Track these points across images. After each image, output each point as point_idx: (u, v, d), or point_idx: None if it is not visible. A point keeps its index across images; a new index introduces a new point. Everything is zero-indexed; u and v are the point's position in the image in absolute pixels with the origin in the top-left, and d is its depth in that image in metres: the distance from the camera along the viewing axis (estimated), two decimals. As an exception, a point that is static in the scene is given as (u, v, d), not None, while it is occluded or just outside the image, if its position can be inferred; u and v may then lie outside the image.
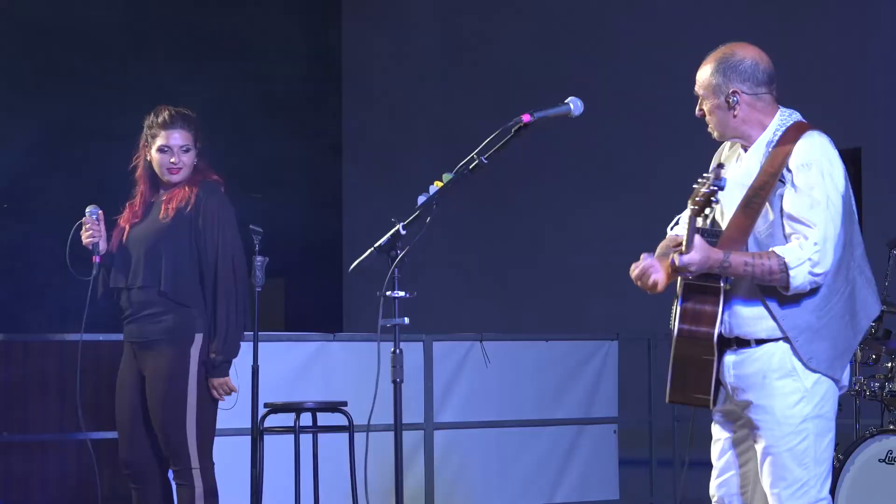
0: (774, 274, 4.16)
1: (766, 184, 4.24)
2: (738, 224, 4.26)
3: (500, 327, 11.43)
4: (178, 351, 5.46)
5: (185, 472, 5.46)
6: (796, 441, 4.26)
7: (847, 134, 11.02)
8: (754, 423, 4.31)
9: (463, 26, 14.28)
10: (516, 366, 9.02)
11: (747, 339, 4.30)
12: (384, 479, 6.53)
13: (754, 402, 4.29)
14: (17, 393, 12.61)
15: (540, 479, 9.07)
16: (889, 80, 10.67)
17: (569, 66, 12.67)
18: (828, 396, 4.31)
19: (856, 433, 7.14)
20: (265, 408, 7.03)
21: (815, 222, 4.19)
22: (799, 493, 4.28)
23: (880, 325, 7.07)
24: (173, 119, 5.63)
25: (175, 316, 5.49)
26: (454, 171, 4.55)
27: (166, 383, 5.45)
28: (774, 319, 4.25)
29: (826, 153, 4.29)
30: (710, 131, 4.47)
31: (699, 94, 4.44)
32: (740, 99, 4.37)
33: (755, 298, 4.27)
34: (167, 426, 5.45)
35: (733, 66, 4.37)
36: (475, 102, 13.65)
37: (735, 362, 4.32)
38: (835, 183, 4.25)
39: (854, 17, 11.00)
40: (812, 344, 4.24)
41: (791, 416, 4.25)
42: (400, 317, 4.57)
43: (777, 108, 4.44)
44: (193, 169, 5.67)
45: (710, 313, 4.28)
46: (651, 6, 12.37)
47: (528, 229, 13.20)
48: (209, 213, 5.55)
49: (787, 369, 4.25)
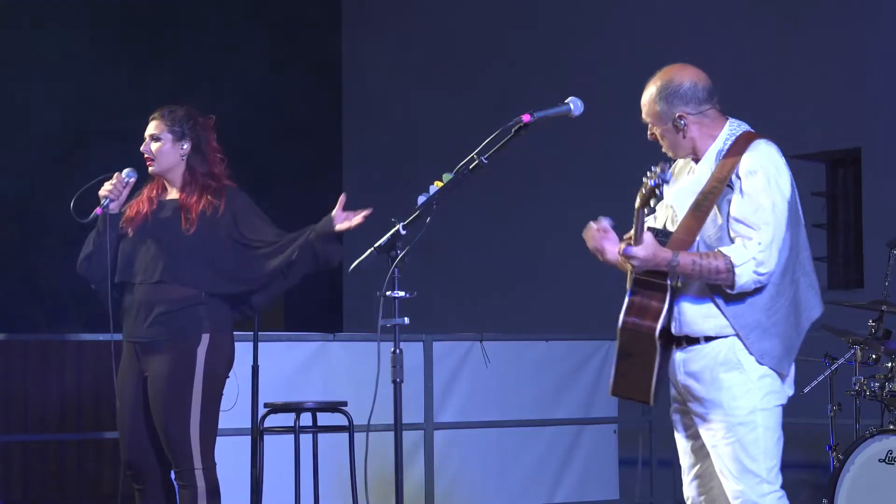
0: (721, 273, 4.27)
1: (715, 189, 4.37)
2: (687, 226, 4.38)
3: (500, 327, 11.43)
4: (185, 350, 5.44)
5: (188, 472, 5.44)
6: (745, 432, 4.36)
7: (847, 134, 11.03)
8: (704, 417, 4.40)
9: (463, 27, 14.28)
10: (516, 366, 9.02)
11: (696, 336, 4.40)
12: (384, 479, 6.53)
13: (703, 397, 4.39)
14: (17, 393, 12.62)
15: (540, 479, 9.07)
16: (889, 80, 10.67)
17: (569, 66, 12.67)
18: (774, 391, 4.41)
19: (856, 433, 7.14)
20: (265, 408, 7.02)
21: (759, 225, 4.31)
22: (752, 485, 4.38)
23: (880, 325, 7.07)
24: (155, 110, 5.65)
25: (184, 317, 5.46)
26: (454, 171, 4.55)
27: (172, 383, 5.42)
28: (725, 317, 4.35)
29: (773, 161, 4.42)
30: (664, 152, 4.59)
31: (646, 122, 4.57)
32: (687, 121, 4.49)
33: (706, 297, 4.37)
34: (170, 427, 5.43)
35: (674, 92, 4.50)
36: (475, 102, 13.65)
37: (684, 360, 4.43)
38: (780, 189, 4.37)
39: (854, 18, 10.99)
40: (763, 342, 4.35)
41: (738, 407, 4.35)
42: (400, 317, 4.56)
43: (725, 118, 4.56)
44: (190, 170, 5.62)
45: (655, 308, 4.37)
46: (651, 6, 12.37)
47: (528, 229, 13.20)
48: (241, 206, 5.60)
49: (733, 363, 4.36)
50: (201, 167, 5.63)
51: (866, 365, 7.07)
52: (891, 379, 6.85)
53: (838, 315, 8.46)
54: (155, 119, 5.64)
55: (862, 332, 7.15)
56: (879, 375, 6.94)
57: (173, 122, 5.60)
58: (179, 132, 5.60)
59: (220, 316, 5.55)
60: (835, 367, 7.32)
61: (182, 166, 5.63)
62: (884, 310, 7.06)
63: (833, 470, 6.88)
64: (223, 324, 5.55)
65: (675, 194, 4.50)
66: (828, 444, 7.36)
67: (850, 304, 7.57)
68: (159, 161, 5.59)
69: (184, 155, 5.61)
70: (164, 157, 5.60)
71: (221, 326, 5.54)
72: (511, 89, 13.23)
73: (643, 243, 4.26)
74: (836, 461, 6.98)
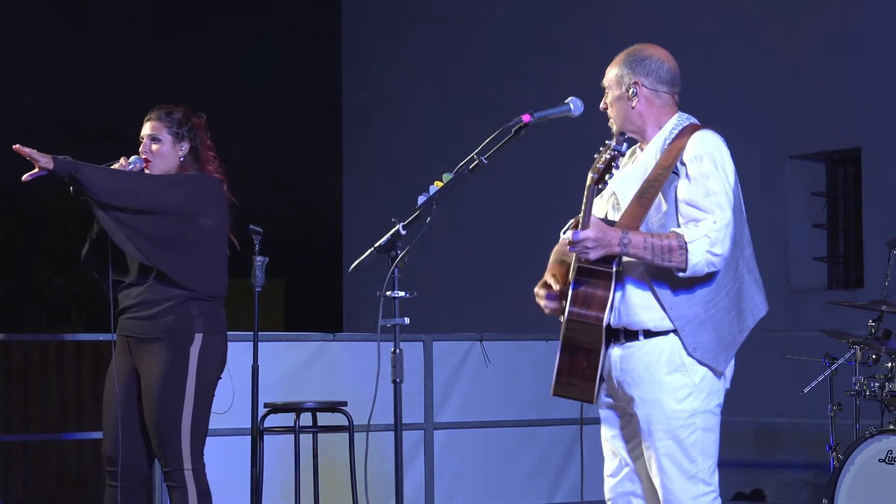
0: (674, 251, 4.18)
1: (660, 176, 4.30)
2: (632, 213, 4.30)
3: (500, 327, 11.44)
4: (177, 350, 5.43)
5: (178, 473, 5.42)
6: (685, 434, 4.29)
7: (847, 134, 11.03)
8: (642, 417, 4.33)
9: (463, 26, 14.28)
10: (516, 366, 9.02)
11: (635, 329, 4.32)
12: (384, 479, 6.53)
13: (642, 396, 4.32)
14: (17, 393, 12.62)
15: (540, 479, 9.07)
16: (889, 80, 10.67)
17: (569, 66, 12.68)
18: (714, 391, 4.35)
19: (856, 433, 7.14)
20: (265, 408, 7.03)
21: (712, 208, 4.24)
22: (688, 486, 4.31)
23: (880, 324, 7.07)
24: (151, 111, 5.65)
25: (177, 315, 5.45)
26: (454, 171, 4.54)
27: (165, 383, 5.41)
28: (662, 308, 4.28)
29: (718, 147, 4.35)
30: (609, 125, 4.54)
31: (604, 87, 4.53)
32: (639, 91, 4.44)
33: (644, 286, 4.30)
34: (163, 425, 5.42)
35: (639, 60, 4.47)
36: (475, 102, 13.66)
37: (622, 356, 4.35)
38: (727, 175, 4.31)
39: (854, 18, 11.00)
40: (697, 335, 4.28)
41: (680, 410, 4.29)
42: (400, 317, 4.56)
43: (676, 111, 4.50)
44: (183, 169, 5.63)
45: (601, 297, 4.28)
46: (651, 6, 12.38)
47: (528, 229, 13.21)
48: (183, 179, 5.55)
49: (675, 364, 4.29)
50: (193, 167, 5.64)
51: (866, 365, 7.07)
52: (891, 379, 6.85)
53: (838, 315, 8.50)
54: (152, 120, 5.63)
55: (862, 333, 7.15)
56: (879, 375, 6.94)
57: (172, 123, 5.61)
58: (179, 134, 5.61)
59: (214, 316, 5.53)
60: (835, 367, 7.32)
61: (177, 167, 5.64)
62: (884, 310, 7.06)
63: (833, 470, 6.88)
64: (216, 324, 5.53)
65: (619, 182, 4.42)
66: (828, 444, 7.36)
67: (850, 304, 7.57)
68: (158, 162, 5.60)
69: (182, 156, 5.62)
70: (163, 158, 5.60)
71: (214, 327, 5.52)
72: (511, 89, 13.24)
73: (592, 224, 4.17)
74: (836, 461, 6.98)
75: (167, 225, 5.41)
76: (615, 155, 4.20)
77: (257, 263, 6.70)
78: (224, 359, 5.61)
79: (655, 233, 4.24)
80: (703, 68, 11.05)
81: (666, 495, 4.33)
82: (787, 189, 11.34)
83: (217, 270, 5.56)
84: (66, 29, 14.82)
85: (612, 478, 4.54)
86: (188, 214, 5.45)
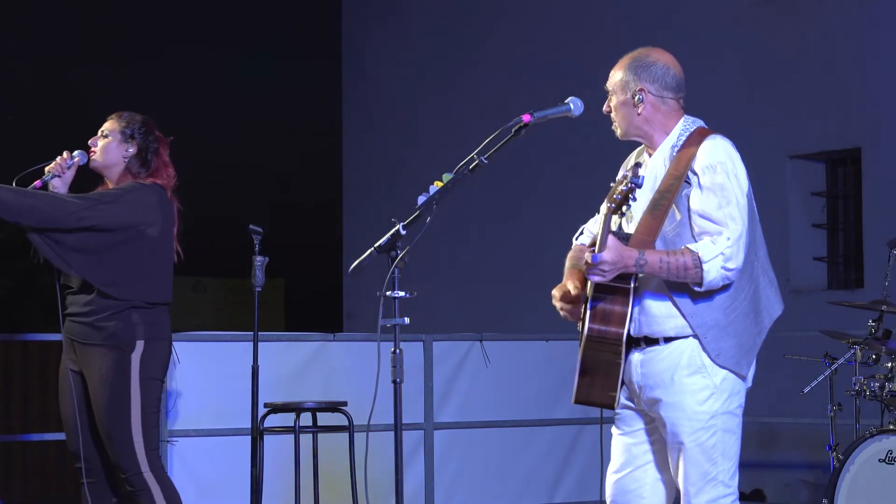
0: (689, 269, 4.22)
1: (672, 186, 4.32)
2: (646, 226, 4.33)
3: (500, 327, 11.43)
4: (119, 356, 5.43)
5: (137, 478, 5.43)
6: (706, 436, 4.32)
7: (847, 134, 11.03)
8: (664, 419, 4.36)
9: (463, 26, 14.29)
10: (516, 366, 9.02)
11: (656, 337, 4.35)
12: (384, 479, 6.53)
13: (664, 399, 4.34)
14: (17, 393, 12.61)
15: (540, 479, 9.07)
16: (889, 80, 10.67)
17: (569, 66, 12.68)
18: (735, 393, 4.37)
19: (856, 433, 7.15)
20: (265, 408, 7.03)
21: (726, 221, 4.26)
22: (708, 488, 4.33)
23: (880, 324, 7.08)
24: (116, 112, 5.71)
25: (118, 322, 5.45)
26: (454, 171, 4.54)
27: (110, 389, 5.42)
28: (683, 317, 4.31)
29: (729, 154, 4.36)
30: (613, 129, 4.54)
31: (608, 90, 4.53)
32: (645, 98, 4.44)
33: (663, 297, 4.32)
34: (113, 433, 5.43)
35: (645, 66, 4.46)
36: (475, 102, 13.66)
37: (643, 360, 4.37)
38: (740, 183, 4.32)
39: (854, 18, 10.99)
40: (720, 341, 4.31)
41: (701, 412, 4.31)
42: (400, 317, 4.56)
43: (682, 115, 4.49)
44: (128, 172, 5.63)
45: (619, 313, 4.32)
46: (652, 6, 12.38)
47: (528, 229, 13.21)
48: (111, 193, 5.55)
49: (696, 366, 4.31)
50: (138, 171, 5.63)
51: (866, 365, 7.07)
52: (891, 379, 6.86)
53: (838, 315, 8.50)
54: (112, 119, 5.71)
55: (862, 333, 7.15)
56: (879, 375, 6.94)
57: (127, 124, 5.65)
58: (128, 134, 5.63)
59: (155, 323, 5.52)
60: (835, 367, 7.32)
61: (121, 167, 5.64)
62: (884, 310, 7.06)
63: (833, 470, 6.88)
64: (158, 331, 5.52)
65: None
66: (828, 444, 7.37)
67: (850, 304, 7.58)
68: (100, 155, 5.63)
69: (126, 157, 5.63)
70: (106, 153, 5.63)
71: (156, 334, 5.51)
72: (511, 89, 13.24)
73: (608, 247, 4.18)
74: (836, 461, 6.98)
75: (99, 239, 5.43)
76: (633, 188, 4.18)
77: (257, 263, 6.71)
78: (167, 364, 5.62)
79: (671, 251, 4.26)
80: (703, 68, 11.05)
81: (685, 497, 4.36)
82: (787, 189, 11.34)
83: (159, 278, 5.56)
84: (66, 29, 14.84)
85: (615, 474, 4.57)
86: (128, 226, 5.46)
